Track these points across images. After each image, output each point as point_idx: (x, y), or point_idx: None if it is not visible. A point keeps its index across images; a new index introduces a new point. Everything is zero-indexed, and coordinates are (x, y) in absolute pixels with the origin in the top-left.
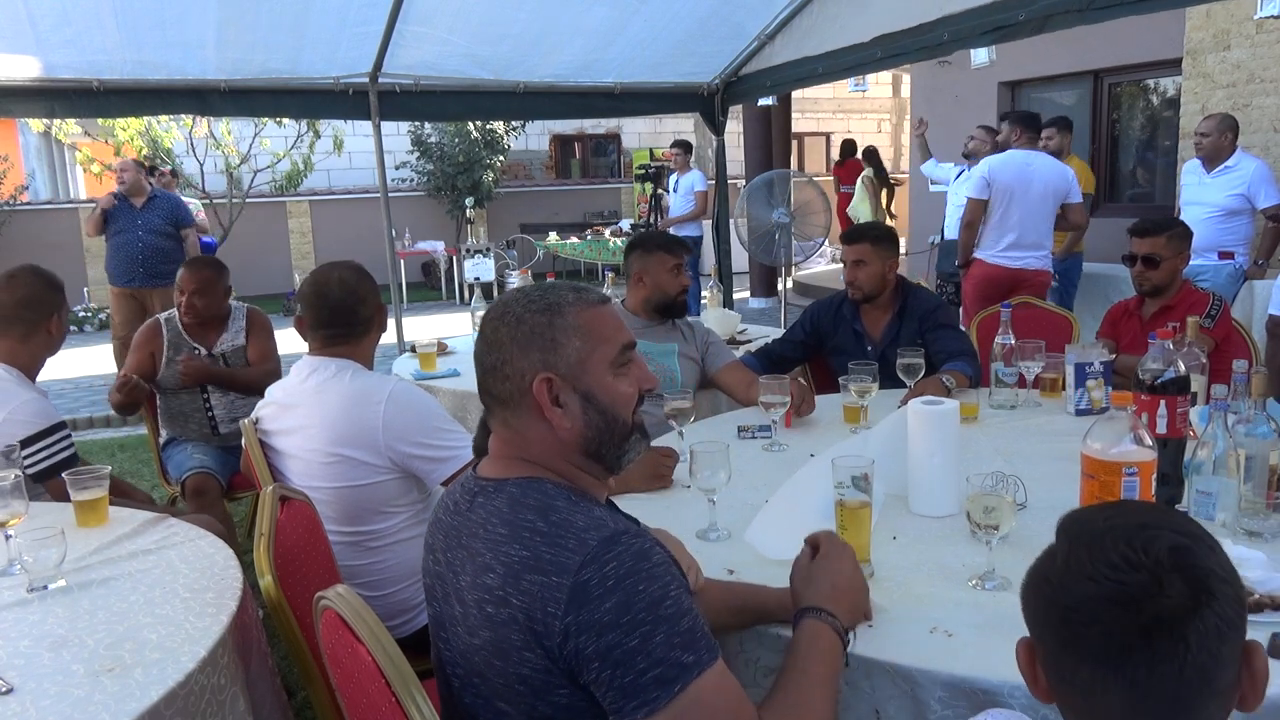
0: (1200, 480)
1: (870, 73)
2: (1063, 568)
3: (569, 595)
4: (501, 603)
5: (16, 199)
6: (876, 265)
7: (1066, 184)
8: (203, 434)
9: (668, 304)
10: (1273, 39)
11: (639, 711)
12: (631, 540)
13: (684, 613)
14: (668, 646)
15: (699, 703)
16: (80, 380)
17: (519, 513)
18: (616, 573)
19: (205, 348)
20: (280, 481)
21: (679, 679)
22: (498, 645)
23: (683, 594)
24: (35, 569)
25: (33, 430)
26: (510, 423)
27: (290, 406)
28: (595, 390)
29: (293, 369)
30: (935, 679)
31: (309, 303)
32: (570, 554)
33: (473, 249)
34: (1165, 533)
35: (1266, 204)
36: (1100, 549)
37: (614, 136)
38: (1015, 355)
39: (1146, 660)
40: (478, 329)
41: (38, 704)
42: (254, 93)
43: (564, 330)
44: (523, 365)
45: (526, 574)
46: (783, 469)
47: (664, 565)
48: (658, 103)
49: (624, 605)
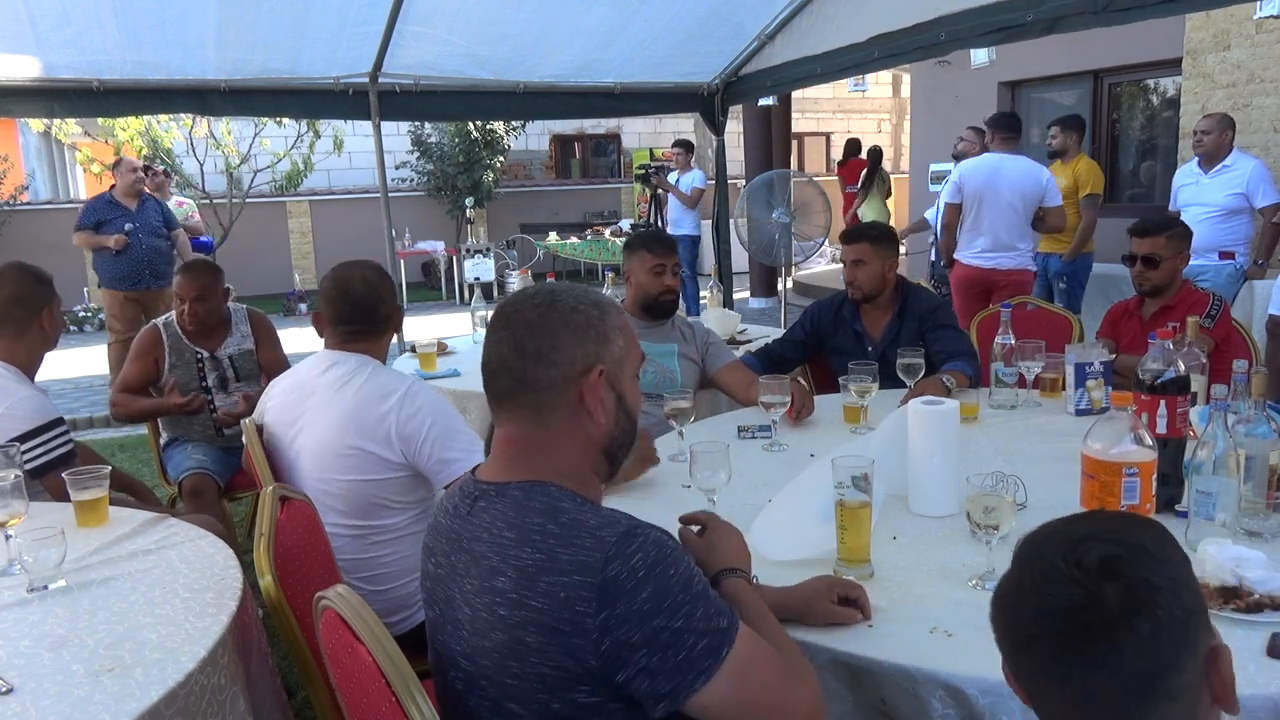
0: (1200, 480)
1: (869, 72)
2: (1006, 585)
3: (599, 593)
4: (516, 605)
5: (16, 199)
6: (876, 265)
7: (1039, 187)
8: (206, 434)
9: (649, 304)
10: (1273, 39)
11: (697, 681)
12: (648, 531)
13: (708, 590)
14: (707, 618)
15: (744, 655)
16: (80, 380)
17: (525, 516)
18: (645, 563)
19: (208, 351)
20: (288, 475)
21: (724, 643)
22: (512, 646)
23: (700, 575)
24: (35, 569)
25: (30, 426)
26: (540, 414)
27: (306, 396)
28: (626, 392)
29: (309, 360)
30: (936, 679)
31: (330, 298)
32: (590, 552)
33: (473, 249)
34: (1099, 544)
35: (1264, 203)
36: (1035, 564)
37: (614, 136)
38: (1015, 355)
39: (1080, 666)
40: (505, 318)
41: (38, 704)
42: (254, 93)
43: (614, 328)
44: (575, 354)
45: (543, 576)
46: (783, 469)
47: (679, 548)
48: (658, 103)
49: (661, 592)
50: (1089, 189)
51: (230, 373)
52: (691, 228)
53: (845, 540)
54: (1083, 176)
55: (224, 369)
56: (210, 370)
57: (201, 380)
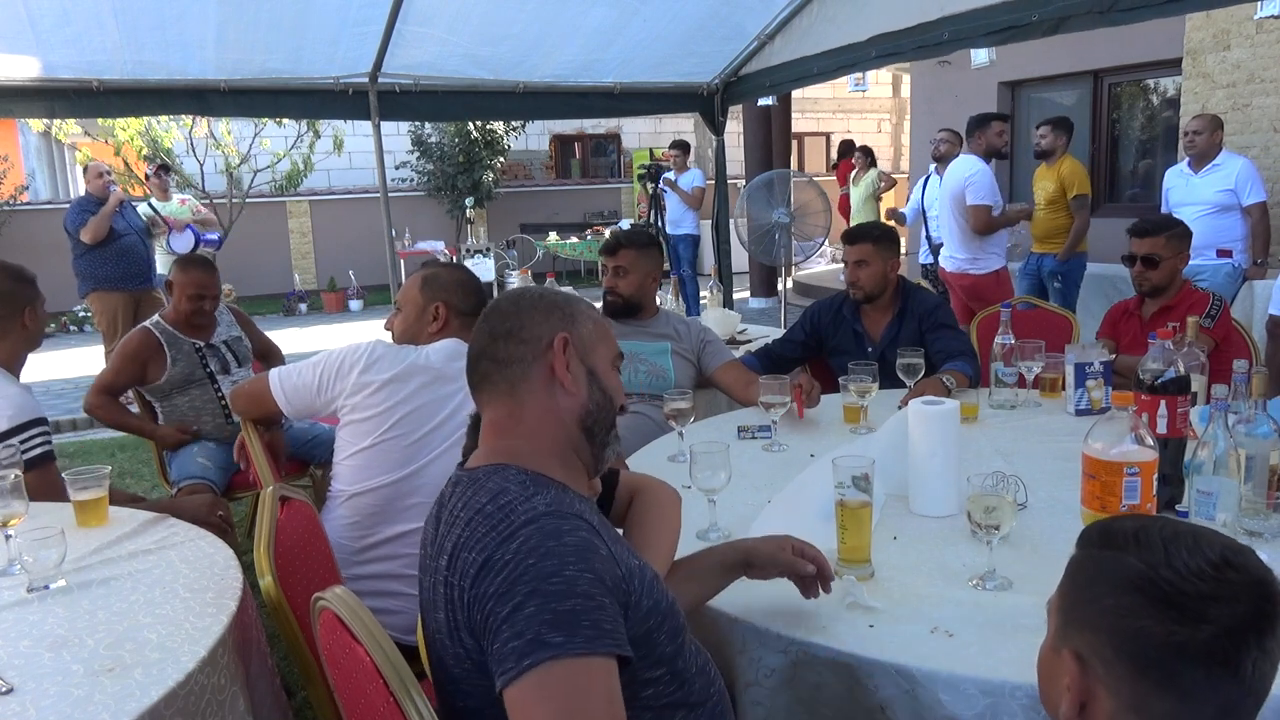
0: (1201, 480)
1: (868, 70)
2: (1166, 569)
3: (477, 570)
4: (445, 583)
5: (16, 199)
6: (878, 265)
7: (961, 186)
8: (216, 424)
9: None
10: (1273, 39)
11: (500, 680)
12: (551, 521)
13: (572, 595)
14: (536, 621)
15: (548, 685)
16: (80, 380)
17: (476, 495)
18: (519, 549)
19: (204, 340)
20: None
21: (533, 654)
22: (448, 627)
23: (580, 579)
24: (35, 569)
25: (9, 425)
26: (515, 390)
27: (449, 381)
28: (599, 371)
29: (439, 347)
30: (936, 679)
31: (467, 289)
32: (496, 532)
33: (473, 249)
34: (1228, 539)
35: (1250, 201)
36: (1200, 551)
37: (614, 136)
38: (1015, 355)
39: (1255, 657)
40: (483, 314)
41: (38, 704)
42: (254, 93)
43: (581, 313)
44: (542, 330)
45: (463, 553)
46: (783, 469)
47: (573, 548)
48: (658, 103)
49: (510, 579)
50: (1076, 190)
51: (229, 357)
52: (691, 228)
53: (845, 540)
54: (1068, 179)
55: (222, 354)
56: (210, 357)
57: (205, 368)
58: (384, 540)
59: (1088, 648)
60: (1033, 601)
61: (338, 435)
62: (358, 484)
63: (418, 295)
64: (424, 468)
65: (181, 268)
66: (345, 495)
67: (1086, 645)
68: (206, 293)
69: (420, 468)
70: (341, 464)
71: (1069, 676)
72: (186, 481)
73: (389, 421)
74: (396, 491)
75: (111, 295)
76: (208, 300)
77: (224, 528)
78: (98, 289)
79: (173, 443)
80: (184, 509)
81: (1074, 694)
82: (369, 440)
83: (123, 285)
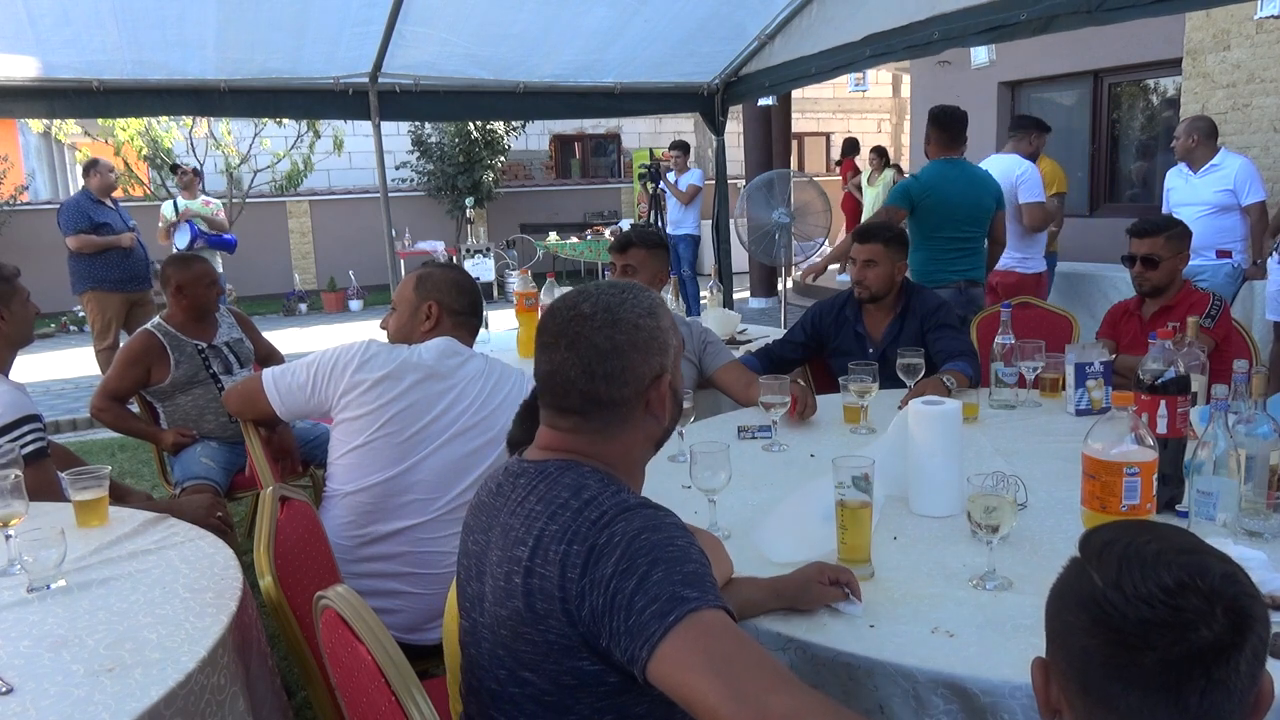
0: (1201, 480)
1: (864, 69)
2: (1113, 590)
3: (584, 559)
4: (529, 573)
5: (16, 199)
6: (886, 266)
7: (1012, 185)
8: (219, 424)
9: None
10: (1273, 39)
11: (643, 651)
12: (647, 510)
13: (689, 559)
14: (667, 583)
15: (700, 632)
16: (80, 380)
17: (554, 490)
18: (624, 531)
19: (206, 341)
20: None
21: (675, 610)
22: (525, 614)
23: (692, 548)
24: (35, 569)
25: (1, 423)
26: (608, 427)
27: (491, 377)
28: (676, 383)
29: (431, 346)
30: (937, 679)
31: (460, 289)
32: (591, 524)
33: (473, 249)
34: (1212, 559)
35: (1249, 200)
36: (1154, 573)
37: (614, 136)
38: (1015, 355)
39: (1201, 688)
40: (567, 338)
41: (38, 704)
42: (254, 93)
43: (666, 331)
44: (644, 370)
45: (553, 545)
46: (783, 469)
47: (676, 527)
48: (658, 103)
49: (627, 555)
50: (1056, 188)
51: (231, 358)
52: (691, 228)
53: (846, 540)
54: (1048, 177)
55: (224, 355)
56: (213, 358)
57: (207, 368)
58: (380, 537)
59: (1051, 659)
60: (1033, 601)
61: (332, 435)
62: (352, 483)
63: (411, 295)
64: (417, 464)
65: (182, 267)
66: (341, 494)
67: (1050, 656)
68: (214, 279)
69: (413, 464)
70: (336, 463)
71: (1036, 684)
72: (190, 481)
73: (381, 419)
74: (390, 489)
75: (107, 295)
76: (215, 286)
77: (223, 528)
78: (94, 288)
79: (174, 447)
80: (183, 509)
81: (1040, 702)
82: (362, 439)
83: (119, 287)
